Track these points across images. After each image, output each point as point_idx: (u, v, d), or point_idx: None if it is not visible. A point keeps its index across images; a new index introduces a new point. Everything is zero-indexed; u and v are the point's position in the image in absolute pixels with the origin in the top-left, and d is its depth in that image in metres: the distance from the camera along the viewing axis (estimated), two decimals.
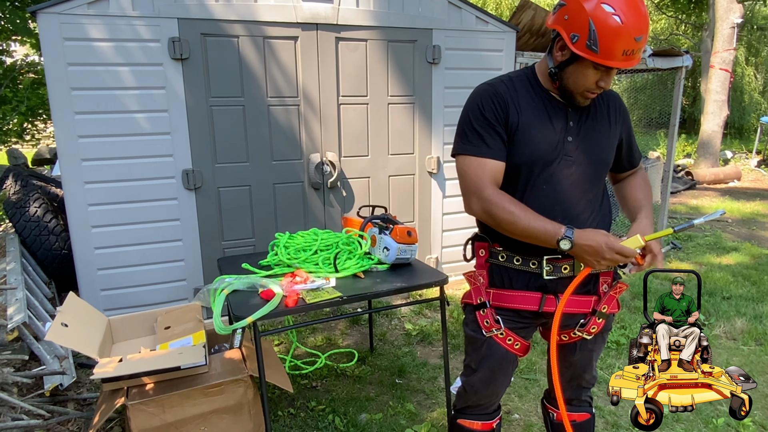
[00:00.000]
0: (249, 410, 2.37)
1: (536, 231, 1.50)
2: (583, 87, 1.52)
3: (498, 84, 1.62)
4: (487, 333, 1.75)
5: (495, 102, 1.58)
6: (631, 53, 1.41)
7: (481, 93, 1.62)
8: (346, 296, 2.23)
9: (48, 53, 3.09)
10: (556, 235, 1.48)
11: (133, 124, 3.31)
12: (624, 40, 1.39)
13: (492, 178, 1.58)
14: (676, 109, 5.12)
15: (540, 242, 1.53)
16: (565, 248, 1.48)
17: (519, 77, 1.65)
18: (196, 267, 3.64)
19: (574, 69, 1.50)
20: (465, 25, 4.04)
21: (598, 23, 1.38)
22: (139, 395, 2.19)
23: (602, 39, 1.39)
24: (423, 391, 2.92)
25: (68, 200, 3.28)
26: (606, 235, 1.48)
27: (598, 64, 1.44)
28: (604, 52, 1.41)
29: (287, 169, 3.78)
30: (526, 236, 1.54)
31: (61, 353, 2.92)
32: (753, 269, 4.82)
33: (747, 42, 17.19)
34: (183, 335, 2.43)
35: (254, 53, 3.52)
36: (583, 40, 1.42)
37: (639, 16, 1.39)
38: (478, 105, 1.60)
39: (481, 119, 1.59)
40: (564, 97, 1.59)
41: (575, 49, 1.44)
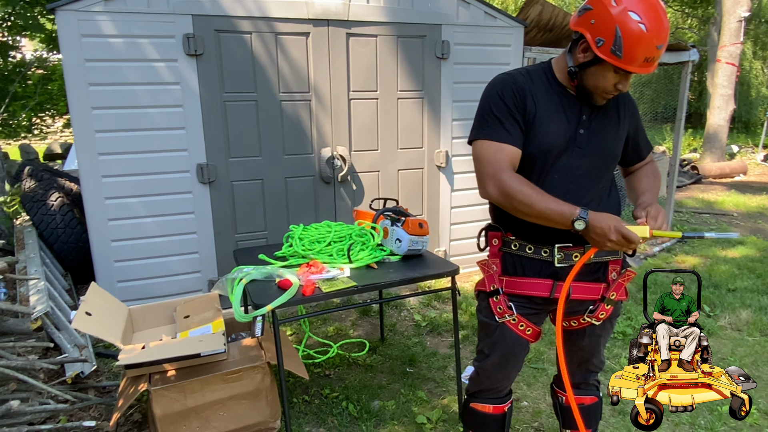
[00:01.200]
0: (266, 396, 2.45)
1: (552, 212, 1.55)
2: (602, 89, 1.58)
3: (517, 75, 1.68)
4: (499, 319, 1.81)
5: (515, 91, 1.64)
6: (651, 60, 1.48)
7: (501, 82, 1.68)
8: (360, 285, 2.30)
9: (66, 49, 3.16)
10: (572, 216, 1.53)
11: (148, 119, 3.38)
12: (646, 47, 1.45)
13: (510, 163, 1.63)
14: (683, 103, 5.15)
15: (555, 224, 1.58)
16: (579, 228, 1.53)
17: (536, 71, 1.71)
18: (210, 259, 3.71)
19: (595, 71, 1.56)
20: (473, 20, 4.09)
21: (624, 30, 1.44)
22: (161, 381, 2.27)
23: (627, 45, 1.45)
24: (433, 379, 2.99)
25: (86, 194, 3.35)
26: (617, 220, 1.54)
27: (619, 68, 1.51)
28: (627, 58, 1.47)
29: (299, 163, 3.84)
30: (542, 218, 1.59)
31: (81, 342, 3.00)
32: (758, 262, 4.86)
33: (755, 36, 17.08)
34: (202, 324, 2.51)
35: (266, 49, 3.58)
36: (608, 45, 1.48)
37: (661, 25, 1.45)
38: (498, 93, 1.66)
39: (501, 105, 1.64)
40: (580, 95, 1.65)
41: (600, 53, 1.50)
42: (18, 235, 4.08)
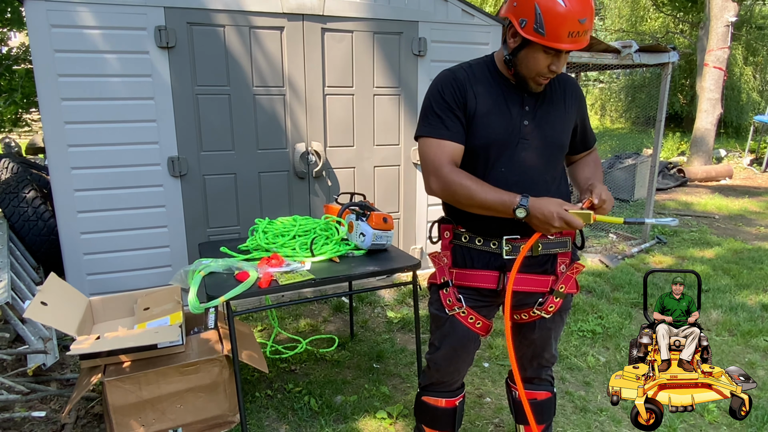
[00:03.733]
0: (224, 389, 2.43)
1: (493, 202, 1.57)
2: (535, 71, 1.59)
3: (458, 70, 1.70)
4: (449, 311, 1.81)
5: (454, 87, 1.66)
6: (577, 35, 1.49)
7: (441, 79, 1.70)
8: (318, 279, 2.29)
9: (35, 40, 3.13)
10: (512, 204, 1.54)
11: (119, 110, 3.35)
12: (569, 23, 1.46)
13: (450, 158, 1.65)
14: (663, 104, 5.17)
15: (498, 213, 1.58)
16: (521, 216, 1.54)
17: (478, 64, 1.72)
18: (182, 253, 3.69)
19: (525, 54, 1.57)
20: (451, 17, 4.09)
21: (543, 7, 1.46)
22: (115, 372, 2.25)
23: (548, 22, 1.47)
24: (399, 375, 2.98)
25: (55, 185, 3.33)
26: (559, 204, 1.54)
27: (548, 48, 1.52)
28: (551, 35, 1.48)
29: (272, 158, 3.83)
30: (484, 208, 1.59)
31: (46, 335, 2.97)
32: (734, 263, 4.88)
33: (746, 41, 17.19)
34: (161, 316, 2.49)
35: (240, 43, 3.56)
36: (531, 24, 1.50)
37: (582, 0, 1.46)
38: (438, 90, 1.68)
39: (441, 102, 1.66)
40: (519, 83, 1.66)
41: (524, 34, 1.52)
42: None
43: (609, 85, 21.33)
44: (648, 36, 17.52)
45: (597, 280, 4.40)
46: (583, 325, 3.52)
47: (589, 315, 3.71)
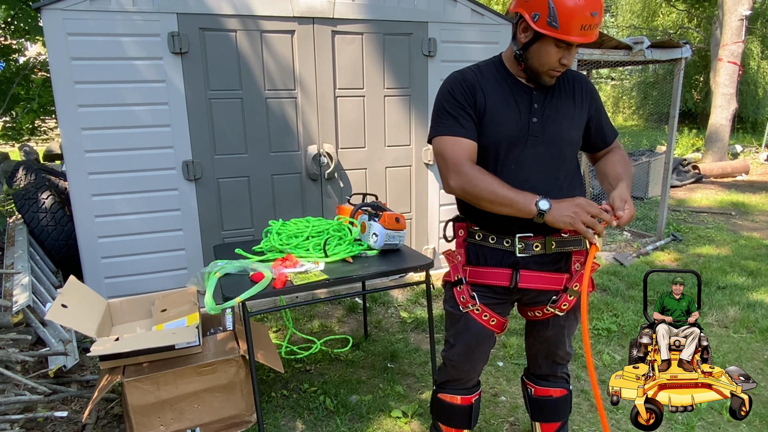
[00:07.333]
0: (241, 389, 2.46)
1: (513, 202, 1.57)
2: (547, 65, 1.60)
3: (467, 71, 1.73)
4: (463, 309, 1.82)
5: (464, 87, 1.68)
6: (589, 28, 1.51)
7: (450, 80, 1.73)
8: (332, 278, 2.31)
9: (52, 48, 3.20)
10: (531, 213, 1.56)
11: (134, 116, 3.41)
12: (581, 16, 1.48)
13: (468, 156, 1.66)
14: (676, 100, 5.12)
15: (519, 213, 1.59)
16: (542, 211, 1.56)
17: (486, 65, 1.75)
18: (197, 256, 3.74)
19: (537, 48, 1.58)
20: (460, 17, 4.09)
21: (556, 1, 1.48)
22: (135, 373, 2.29)
23: (561, 15, 1.48)
24: (413, 374, 2.99)
25: (72, 191, 3.39)
26: (578, 206, 1.55)
27: (560, 41, 1.54)
28: (564, 28, 1.50)
29: (285, 160, 3.86)
30: (505, 205, 1.59)
31: (66, 337, 3.03)
32: (751, 260, 4.81)
33: (762, 35, 16.92)
34: (178, 317, 2.52)
35: (251, 47, 3.60)
36: (544, 18, 1.51)
37: None
38: (449, 90, 1.71)
39: (453, 102, 1.68)
40: (530, 78, 1.67)
41: (537, 27, 1.53)
42: (9, 233, 4.13)
43: (621, 81, 21.13)
44: (660, 32, 17.33)
45: (612, 279, 4.37)
46: (599, 324, 3.50)
47: (604, 313, 3.69)
